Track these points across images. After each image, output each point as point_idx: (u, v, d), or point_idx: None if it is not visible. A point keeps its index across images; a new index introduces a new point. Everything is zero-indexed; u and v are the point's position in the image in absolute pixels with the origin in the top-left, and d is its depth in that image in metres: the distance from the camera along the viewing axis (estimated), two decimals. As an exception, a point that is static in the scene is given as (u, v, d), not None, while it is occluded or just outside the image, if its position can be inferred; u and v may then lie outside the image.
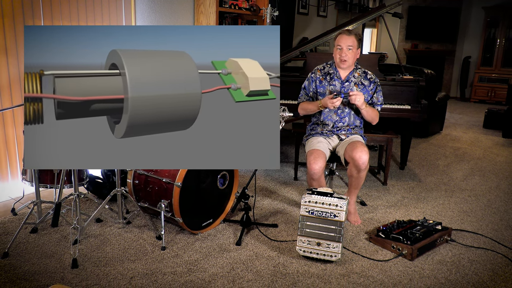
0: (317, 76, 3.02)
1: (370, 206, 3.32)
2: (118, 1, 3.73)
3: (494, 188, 3.83)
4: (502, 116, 6.14)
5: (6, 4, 2.96)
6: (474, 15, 9.32)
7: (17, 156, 3.22)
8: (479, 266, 2.47)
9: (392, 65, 5.20)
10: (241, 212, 3.08)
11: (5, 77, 3.05)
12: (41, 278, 2.20)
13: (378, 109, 3.00)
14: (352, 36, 2.83)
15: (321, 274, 2.35)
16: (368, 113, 2.89)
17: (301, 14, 7.01)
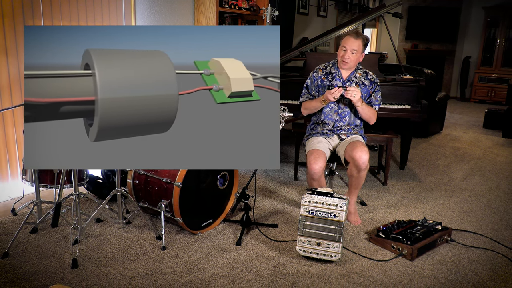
0: (319, 75, 3.03)
1: (370, 206, 3.32)
2: (118, 1, 3.73)
3: (494, 188, 3.83)
4: (502, 116, 6.14)
5: (6, 4, 2.96)
6: (474, 15, 9.32)
7: (17, 156, 3.22)
8: (479, 266, 2.47)
9: (392, 65, 5.20)
10: (241, 212, 3.08)
11: (5, 77, 3.05)
12: (41, 278, 2.20)
13: (375, 109, 3.00)
14: (359, 40, 2.82)
15: (321, 274, 2.35)
16: (364, 111, 2.89)
17: (301, 14, 7.01)
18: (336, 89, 2.73)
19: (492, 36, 8.95)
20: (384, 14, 4.20)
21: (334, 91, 2.73)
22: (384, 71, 4.13)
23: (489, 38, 8.99)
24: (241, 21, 4.88)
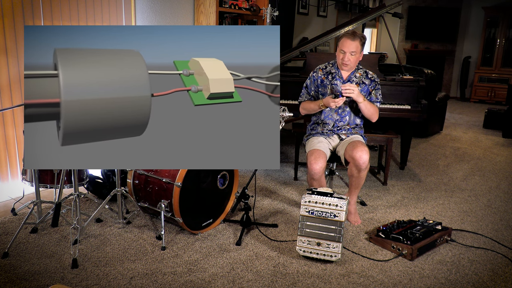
0: (319, 75, 3.02)
1: (370, 206, 3.32)
2: (118, 1, 3.73)
3: (494, 188, 3.83)
4: (502, 116, 6.14)
5: (6, 4, 2.96)
6: (474, 15, 9.32)
7: (17, 156, 3.22)
8: (479, 266, 2.47)
9: (392, 65, 5.20)
10: (241, 212, 3.08)
11: (5, 77, 3.05)
12: (41, 278, 2.20)
13: (377, 105, 2.99)
14: (356, 40, 2.81)
15: (321, 274, 2.35)
16: (366, 107, 2.87)
17: (301, 14, 7.01)
18: (340, 99, 2.74)
19: (492, 36, 8.95)
20: (384, 14, 4.20)
21: (338, 100, 2.74)
22: (384, 71, 4.13)
23: (489, 38, 8.99)
24: (241, 21, 4.89)
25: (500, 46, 8.85)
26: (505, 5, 8.70)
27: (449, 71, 9.80)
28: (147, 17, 4.01)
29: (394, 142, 4.64)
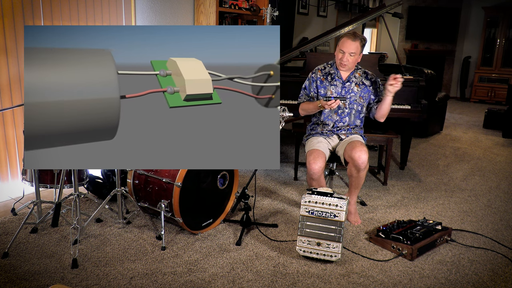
0: (318, 76, 3.02)
1: (370, 206, 3.32)
2: (118, 1, 3.73)
3: (494, 188, 3.83)
4: (502, 116, 6.14)
5: (6, 4, 2.96)
6: (474, 15, 9.32)
7: (17, 156, 3.22)
8: (479, 266, 2.47)
9: (392, 65, 5.20)
10: (241, 212, 3.08)
11: (5, 77, 3.05)
12: (41, 278, 2.20)
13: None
14: (356, 41, 2.81)
15: (321, 274, 2.35)
16: (389, 104, 2.86)
17: (301, 14, 7.01)
18: (333, 101, 2.72)
19: (492, 36, 8.95)
20: (384, 14, 4.20)
21: (331, 103, 2.72)
22: (384, 71, 4.13)
23: (489, 38, 8.99)
24: (241, 21, 4.89)
25: (500, 46, 8.85)
26: (505, 5, 8.70)
27: (449, 71, 9.80)
28: (147, 17, 4.01)
29: (394, 142, 4.64)
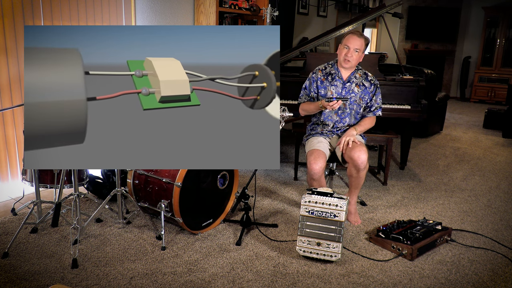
0: (318, 77, 3.02)
1: (370, 206, 3.32)
2: (118, 1, 3.73)
3: (494, 188, 3.83)
4: (502, 116, 6.14)
5: (6, 4, 2.96)
6: (474, 15, 9.32)
7: (17, 156, 3.22)
8: (479, 266, 2.47)
9: (392, 65, 5.20)
10: (241, 212, 3.08)
11: (5, 77, 3.05)
12: (41, 278, 2.20)
13: (379, 114, 3.03)
14: (362, 39, 2.84)
15: (321, 274, 2.35)
16: (362, 131, 3.00)
17: (301, 14, 7.01)
18: (334, 102, 2.73)
19: (492, 36, 8.95)
20: (384, 14, 4.20)
21: (332, 104, 2.74)
22: (384, 71, 4.13)
23: (489, 38, 8.99)
24: (241, 21, 4.89)
25: (500, 46, 8.85)
26: (505, 5, 8.70)
27: (449, 71, 9.80)
28: (147, 17, 4.01)
29: (394, 142, 4.64)
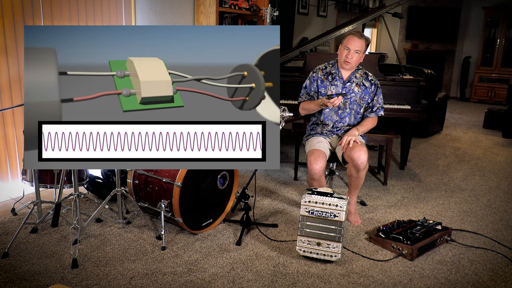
0: (319, 76, 3.02)
1: (370, 206, 3.32)
2: (118, 1, 3.73)
3: (494, 188, 3.83)
4: (502, 116, 6.14)
5: (6, 4, 2.96)
6: (474, 15, 9.32)
7: (17, 156, 3.22)
8: (479, 266, 2.47)
9: (392, 65, 5.20)
10: (241, 212, 3.08)
11: (5, 77, 3.05)
12: (41, 278, 2.20)
13: (381, 114, 3.03)
14: (362, 40, 2.83)
15: (321, 274, 2.35)
16: (365, 131, 2.98)
17: (301, 14, 7.01)
18: (335, 99, 2.72)
19: (492, 36, 8.95)
20: (384, 14, 4.20)
21: (333, 101, 2.72)
22: (384, 71, 4.13)
23: (489, 38, 8.99)
24: (241, 21, 4.89)
25: (500, 46, 8.85)
26: (505, 5, 8.70)
27: (449, 71, 9.80)
28: (147, 17, 4.01)
29: (394, 142, 4.64)
